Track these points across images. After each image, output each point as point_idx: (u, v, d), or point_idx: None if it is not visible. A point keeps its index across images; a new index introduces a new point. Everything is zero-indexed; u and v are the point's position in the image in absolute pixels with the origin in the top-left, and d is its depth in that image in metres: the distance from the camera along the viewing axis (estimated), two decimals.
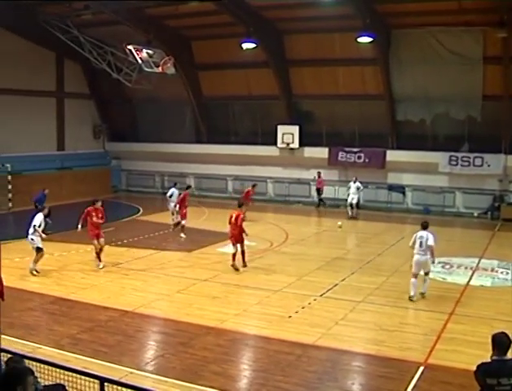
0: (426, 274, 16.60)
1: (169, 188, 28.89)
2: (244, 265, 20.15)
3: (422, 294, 16.53)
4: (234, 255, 19.88)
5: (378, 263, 21.06)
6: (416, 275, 16.41)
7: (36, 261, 19.16)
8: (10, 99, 34.28)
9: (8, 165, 32.87)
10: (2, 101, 33.89)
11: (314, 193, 35.76)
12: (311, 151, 35.43)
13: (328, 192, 34.93)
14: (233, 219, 20.14)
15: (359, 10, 28.62)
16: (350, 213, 31.24)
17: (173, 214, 27.25)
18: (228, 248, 21.26)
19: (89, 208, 20.54)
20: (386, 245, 23.98)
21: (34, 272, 19.05)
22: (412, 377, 11.18)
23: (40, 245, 19.16)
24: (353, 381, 11.44)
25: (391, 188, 33.63)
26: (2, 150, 33.61)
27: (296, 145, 35.23)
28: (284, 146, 35.46)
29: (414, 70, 31.66)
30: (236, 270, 19.62)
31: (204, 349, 12.70)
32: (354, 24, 29.22)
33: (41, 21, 31.36)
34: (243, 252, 20.33)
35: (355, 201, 31.31)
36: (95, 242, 20.38)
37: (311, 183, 35.80)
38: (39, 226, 19.14)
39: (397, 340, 13.20)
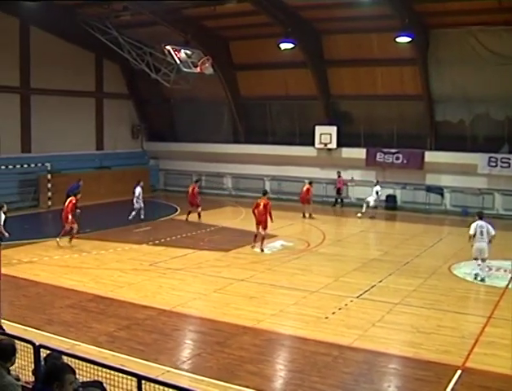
0: (483, 260, 18.38)
1: (136, 187, 29.09)
2: (262, 250, 22.49)
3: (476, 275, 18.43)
4: (256, 236, 22.45)
5: (416, 265, 20.89)
6: (476, 259, 18.45)
7: None
8: (50, 99, 34.87)
9: (48, 164, 33.28)
10: (43, 101, 34.49)
11: (351, 194, 35.69)
12: (348, 152, 35.27)
13: (365, 193, 34.69)
14: (261, 207, 21.82)
15: (397, 10, 28.42)
16: (363, 211, 31.24)
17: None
18: (264, 247, 21.66)
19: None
20: (423, 247, 23.79)
21: None
22: (450, 381, 11.08)
23: None
24: (389, 384, 11.39)
25: (429, 189, 33.28)
26: (42, 149, 34.17)
27: (334, 145, 35.10)
28: (322, 146, 35.36)
29: (453, 70, 31.33)
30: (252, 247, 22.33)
31: (240, 349, 12.75)
32: (392, 24, 29.05)
33: (80, 23, 31.72)
34: (263, 238, 22.62)
35: (371, 204, 31.25)
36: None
37: (349, 184, 35.67)
38: None
39: (434, 343, 13.09)
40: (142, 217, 28.53)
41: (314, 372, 11.52)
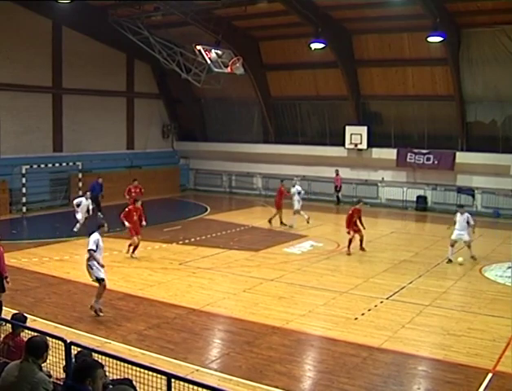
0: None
1: (78, 197, 27.56)
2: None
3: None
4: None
5: (446, 267, 20.74)
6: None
7: (98, 297, 15.02)
8: (82, 99, 35.23)
9: (79, 163, 33.58)
10: (75, 101, 34.85)
11: (381, 195, 35.56)
12: (379, 152, 35.10)
13: (395, 194, 34.60)
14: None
15: (428, 10, 28.19)
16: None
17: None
18: (294, 247, 21.56)
19: (130, 207, 21.76)
20: (454, 248, 23.58)
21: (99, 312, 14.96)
22: (480, 384, 10.99)
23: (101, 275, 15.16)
24: (419, 386, 11.31)
25: (460, 190, 32.95)
26: (73, 148, 34.51)
27: (364, 146, 34.94)
28: (352, 146, 35.22)
29: (485, 70, 31.00)
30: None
31: (269, 349, 12.77)
32: (423, 24, 28.86)
33: (112, 23, 31.96)
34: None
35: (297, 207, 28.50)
36: (135, 238, 21.36)
37: (379, 185, 35.53)
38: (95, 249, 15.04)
39: (465, 346, 12.99)
40: (75, 229, 25.74)
41: (343, 373, 11.50)
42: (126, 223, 21.42)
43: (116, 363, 7.76)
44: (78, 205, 26.11)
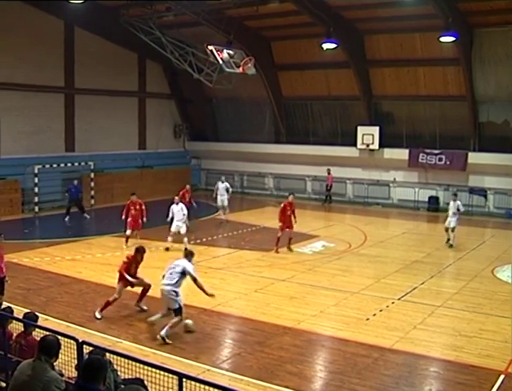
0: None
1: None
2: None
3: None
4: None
5: (458, 267, 20.70)
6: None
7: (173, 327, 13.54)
8: (94, 99, 35.37)
9: (91, 163, 33.70)
10: (87, 101, 34.97)
11: (393, 195, 35.50)
12: (390, 153, 35.02)
13: (407, 194, 34.51)
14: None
15: (440, 9, 28.10)
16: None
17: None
18: (305, 248, 21.56)
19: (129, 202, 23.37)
20: (466, 249, 23.53)
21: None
22: (492, 386, 10.95)
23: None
24: (430, 387, 11.29)
25: (472, 191, 32.81)
26: (85, 148, 34.63)
27: (376, 146, 34.86)
28: (364, 147, 35.16)
29: (497, 70, 30.89)
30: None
31: (280, 349, 12.77)
32: (435, 24, 28.78)
33: (124, 23, 32.05)
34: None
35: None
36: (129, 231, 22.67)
37: (391, 185, 35.47)
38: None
39: (476, 347, 12.94)
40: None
41: (354, 374, 11.49)
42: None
43: (128, 363, 7.79)
44: None
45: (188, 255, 14.60)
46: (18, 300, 14.65)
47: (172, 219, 23.30)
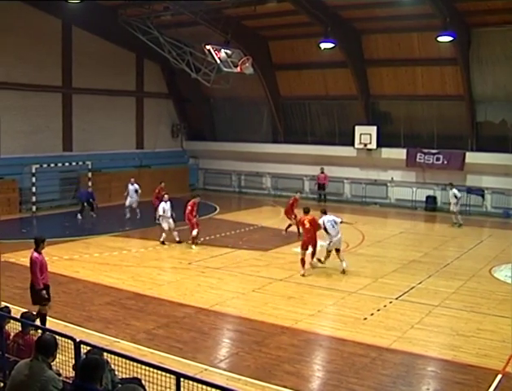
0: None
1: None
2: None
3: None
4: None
5: (456, 267, 20.67)
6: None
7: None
8: (92, 99, 35.38)
9: (89, 163, 33.63)
10: (85, 100, 34.98)
11: (391, 195, 35.50)
12: (388, 152, 35.01)
13: (405, 194, 34.53)
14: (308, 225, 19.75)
15: (438, 9, 28.11)
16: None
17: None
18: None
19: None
20: (464, 249, 23.54)
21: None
22: (490, 385, 10.95)
23: None
24: (428, 386, 11.29)
25: (470, 191, 32.79)
26: (83, 148, 34.62)
27: (373, 146, 34.85)
28: (362, 146, 35.16)
29: (495, 70, 30.90)
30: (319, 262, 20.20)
31: (278, 349, 12.77)
32: (433, 23, 28.81)
33: (122, 23, 32.04)
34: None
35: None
36: None
37: (389, 185, 35.48)
38: None
39: (474, 346, 12.95)
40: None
41: (351, 373, 11.50)
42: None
43: (126, 362, 7.79)
44: None
45: (325, 211, 20.14)
46: (15, 299, 14.63)
47: (160, 217, 23.68)
